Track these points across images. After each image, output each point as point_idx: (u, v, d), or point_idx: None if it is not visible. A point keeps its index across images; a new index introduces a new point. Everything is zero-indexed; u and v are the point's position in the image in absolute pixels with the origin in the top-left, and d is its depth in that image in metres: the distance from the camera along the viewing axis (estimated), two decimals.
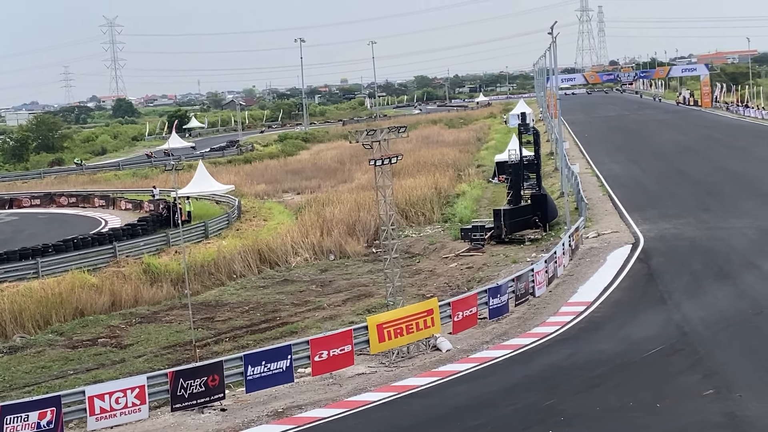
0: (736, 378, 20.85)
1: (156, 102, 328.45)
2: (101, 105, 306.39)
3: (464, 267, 39.59)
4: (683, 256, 34.33)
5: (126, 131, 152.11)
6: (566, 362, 23.66)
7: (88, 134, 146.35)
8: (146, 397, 21.79)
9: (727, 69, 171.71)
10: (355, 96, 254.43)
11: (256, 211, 58.46)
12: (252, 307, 36.27)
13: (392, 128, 27.63)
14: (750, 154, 65.45)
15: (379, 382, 24.03)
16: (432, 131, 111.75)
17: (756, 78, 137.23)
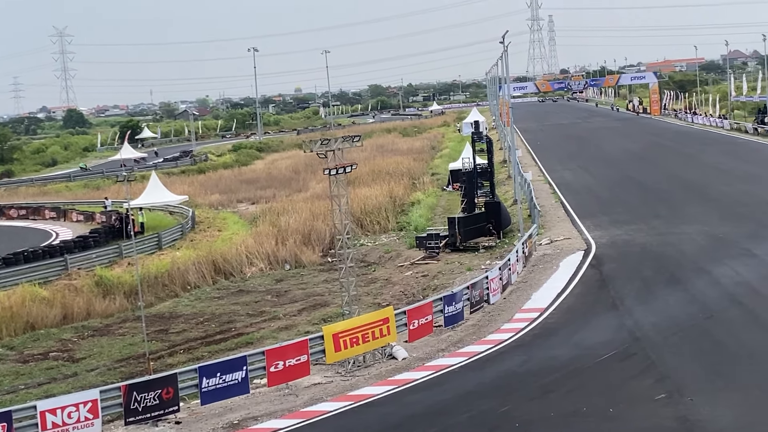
0: (688, 382, 21.11)
1: (108, 112, 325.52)
2: (51, 116, 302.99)
3: (419, 275, 39.71)
4: (634, 262, 34.71)
5: (77, 142, 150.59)
6: (521, 369, 23.81)
7: (39, 145, 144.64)
8: (99, 411, 21.51)
9: (675, 77, 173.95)
10: (310, 105, 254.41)
11: (211, 221, 58.19)
12: (207, 318, 36.09)
13: (347, 137, 27.67)
14: (698, 160, 66.36)
15: (335, 391, 24.02)
16: (386, 140, 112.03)
17: (703, 85, 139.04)
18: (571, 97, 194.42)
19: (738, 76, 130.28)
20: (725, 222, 40.40)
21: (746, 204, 44.87)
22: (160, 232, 50.76)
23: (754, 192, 48.50)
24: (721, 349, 23.47)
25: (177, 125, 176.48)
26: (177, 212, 61.16)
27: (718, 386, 20.63)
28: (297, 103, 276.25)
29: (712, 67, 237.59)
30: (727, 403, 19.50)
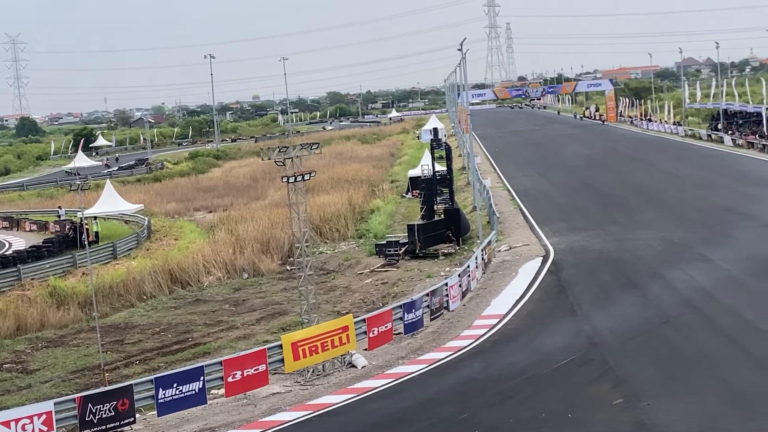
0: (645, 387, 21.21)
1: (61, 120, 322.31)
2: (4, 124, 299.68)
3: (379, 282, 39.65)
4: (592, 267, 34.90)
5: (30, 150, 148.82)
6: (480, 375, 23.82)
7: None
8: (54, 424, 21.22)
9: (631, 84, 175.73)
10: (268, 112, 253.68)
11: (167, 230, 57.77)
12: (163, 328, 35.77)
13: (305, 145, 27.55)
14: (654, 166, 66.95)
15: (295, 401, 23.88)
16: (345, 147, 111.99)
17: (658, 92, 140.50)
18: (528, 104, 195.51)
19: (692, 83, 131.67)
20: (680, 227, 40.76)
21: (701, 209, 45.34)
22: (115, 242, 50.32)
23: (708, 198, 49.01)
24: (677, 353, 23.62)
25: (132, 133, 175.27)
26: (132, 221, 60.68)
27: (675, 391, 20.75)
28: (255, 111, 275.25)
29: (667, 75, 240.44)
30: (683, 407, 19.62)
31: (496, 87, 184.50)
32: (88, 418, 21.57)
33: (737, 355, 22.92)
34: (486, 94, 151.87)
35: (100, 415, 21.70)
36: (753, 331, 24.67)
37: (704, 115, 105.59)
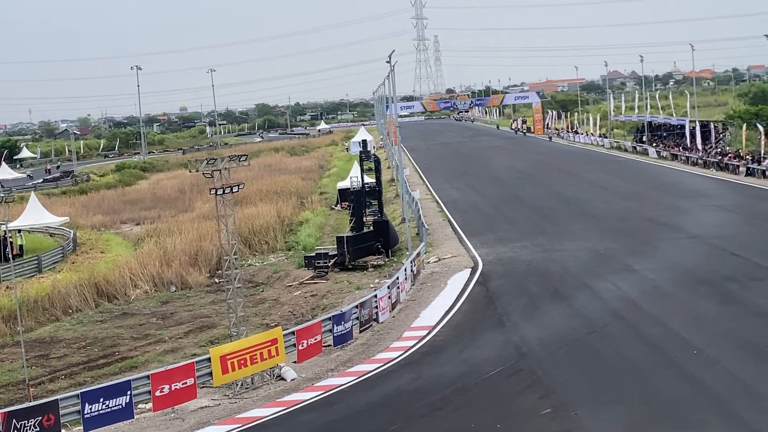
0: (572, 396, 21.43)
1: None
2: None
3: (308, 295, 39.52)
4: (520, 278, 35.21)
5: None
6: (410, 386, 23.85)
7: None
8: None
9: (558, 96, 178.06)
10: (195, 124, 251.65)
11: (93, 243, 56.96)
12: (89, 342, 35.18)
13: (233, 157, 27.39)
14: (580, 178, 67.93)
15: (223, 414, 23.66)
16: (274, 159, 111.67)
17: (584, 105, 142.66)
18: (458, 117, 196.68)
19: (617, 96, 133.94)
20: (606, 238, 41.36)
21: (626, 220, 46.07)
22: (40, 255, 49.43)
23: (633, 209, 49.83)
24: (604, 363, 23.92)
25: (57, 145, 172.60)
26: (58, 234, 59.70)
27: (602, 400, 21.00)
28: (182, 122, 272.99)
29: (593, 88, 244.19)
30: (610, 416, 19.86)
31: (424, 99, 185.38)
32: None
33: (663, 364, 23.27)
34: (414, 106, 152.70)
35: (24, 430, 21.25)
36: (678, 340, 25.09)
37: (629, 128, 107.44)
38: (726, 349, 23.82)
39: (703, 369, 22.40)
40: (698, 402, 20.25)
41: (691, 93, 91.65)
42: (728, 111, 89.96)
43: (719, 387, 21.02)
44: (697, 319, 26.98)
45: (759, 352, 23.20)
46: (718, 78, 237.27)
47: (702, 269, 33.54)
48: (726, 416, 19.19)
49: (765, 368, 21.92)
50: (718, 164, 65.98)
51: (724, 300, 29.02)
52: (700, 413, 19.52)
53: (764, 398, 19.97)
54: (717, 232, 40.70)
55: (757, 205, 48.29)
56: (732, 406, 19.67)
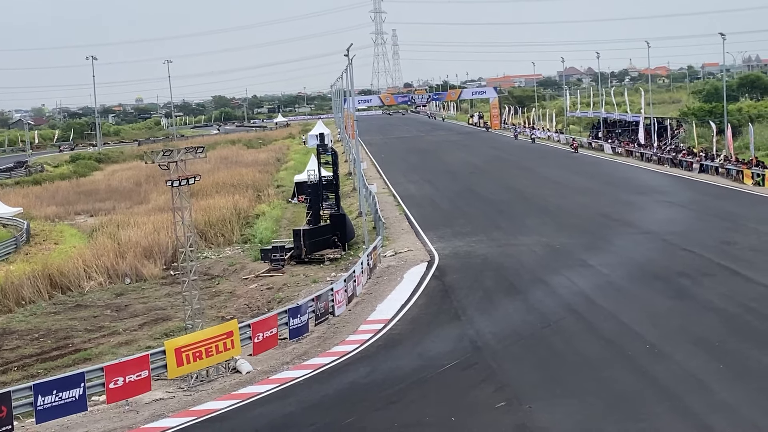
0: (527, 390, 21.60)
1: None
2: None
3: (264, 288, 39.45)
4: (476, 272, 35.38)
5: None
6: (365, 380, 23.90)
7: None
8: None
9: (515, 92, 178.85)
10: (151, 116, 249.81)
11: (47, 234, 56.45)
12: (42, 334, 34.87)
13: (190, 149, 27.26)
14: (536, 173, 68.34)
15: (178, 407, 23.56)
16: (231, 152, 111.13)
17: (541, 101, 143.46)
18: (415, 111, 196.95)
19: (573, 92, 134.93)
20: (561, 233, 41.69)
21: (581, 216, 46.45)
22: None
23: (588, 204, 50.26)
24: (558, 357, 24.13)
25: (11, 135, 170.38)
26: (10, 225, 59.09)
27: (556, 394, 21.19)
28: (138, 114, 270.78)
29: (550, 83, 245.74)
30: (564, 410, 20.04)
31: (382, 93, 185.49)
32: None
33: (616, 358, 23.53)
34: (372, 100, 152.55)
35: None
36: (631, 334, 25.37)
37: (585, 124, 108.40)
38: (678, 343, 24.12)
39: (655, 363, 22.67)
40: (650, 396, 20.49)
41: (646, 90, 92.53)
42: (682, 108, 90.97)
43: (671, 381, 21.29)
44: (650, 314, 27.29)
45: (710, 348, 23.53)
46: (673, 75, 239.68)
47: (655, 265, 33.92)
48: (677, 410, 19.44)
49: (716, 363, 22.23)
50: (672, 161, 66.71)
51: (677, 295, 29.38)
52: (651, 407, 19.77)
53: (715, 393, 20.27)
54: (670, 228, 41.18)
55: (710, 202, 48.91)
56: (683, 401, 19.93)
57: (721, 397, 19.96)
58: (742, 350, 23.11)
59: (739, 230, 39.77)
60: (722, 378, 21.20)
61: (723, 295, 28.79)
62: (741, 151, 63.48)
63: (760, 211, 44.73)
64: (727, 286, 29.89)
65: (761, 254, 34.39)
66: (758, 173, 53.51)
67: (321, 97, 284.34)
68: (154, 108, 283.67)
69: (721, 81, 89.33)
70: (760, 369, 21.63)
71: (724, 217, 43.69)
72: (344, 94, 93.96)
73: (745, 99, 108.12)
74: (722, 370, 21.71)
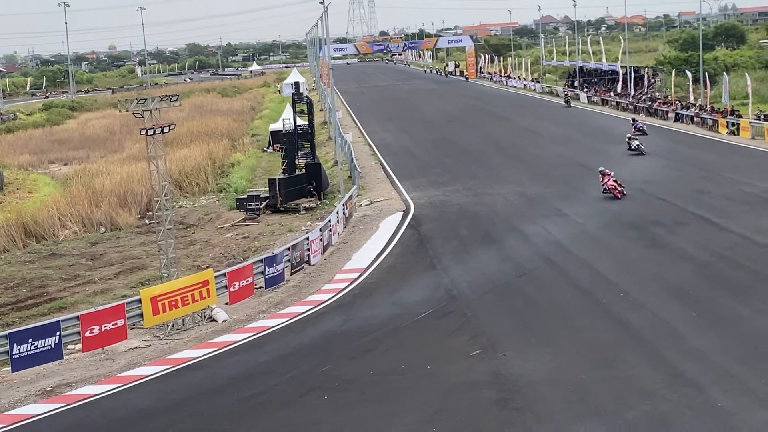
0: (501, 338, 21.77)
1: None
2: None
3: (240, 237, 39.40)
4: (451, 222, 35.46)
5: None
6: (341, 328, 24.01)
7: None
8: None
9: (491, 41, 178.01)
10: (125, 63, 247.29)
11: (20, 183, 56.03)
12: (17, 283, 34.73)
13: (164, 97, 27.02)
14: (513, 123, 68.35)
15: (154, 355, 23.62)
16: (205, 100, 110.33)
17: (518, 49, 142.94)
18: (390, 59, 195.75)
19: (549, 40, 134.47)
20: (537, 183, 41.79)
21: (557, 165, 46.56)
22: None
23: (564, 154, 50.34)
24: (533, 305, 24.30)
25: None
26: None
27: (531, 342, 21.36)
28: (111, 61, 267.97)
29: (526, 32, 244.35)
30: (539, 357, 20.22)
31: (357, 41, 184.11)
32: None
33: (590, 306, 23.73)
34: (348, 48, 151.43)
35: None
36: (605, 283, 25.57)
37: (561, 73, 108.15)
38: (652, 292, 24.33)
39: (629, 312, 22.87)
40: (623, 344, 20.70)
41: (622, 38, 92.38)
42: (659, 57, 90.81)
43: (645, 329, 21.50)
44: (624, 263, 27.49)
45: (684, 296, 23.74)
46: (650, 24, 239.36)
47: (629, 214, 34.08)
48: (650, 358, 19.65)
49: (689, 311, 22.45)
50: (648, 110, 66.81)
51: (651, 244, 29.58)
52: (625, 354, 19.97)
53: (688, 340, 20.49)
54: (645, 177, 41.32)
55: (685, 151, 49.11)
56: (657, 348, 20.14)
57: (693, 344, 20.18)
58: (715, 298, 23.35)
59: (713, 179, 39.97)
60: (695, 326, 21.43)
61: (697, 243, 29.01)
62: (716, 100, 63.61)
63: (735, 161, 44.95)
64: (700, 235, 30.11)
65: (735, 203, 34.61)
66: (733, 122, 53.71)
67: (296, 46, 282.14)
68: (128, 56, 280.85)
69: (698, 30, 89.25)
70: (732, 317, 21.86)
71: (698, 166, 43.90)
72: (319, 42, 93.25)
73: (721, 48, 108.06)
74: (695, 318, 21.94)
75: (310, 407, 18.89)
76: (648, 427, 16.41)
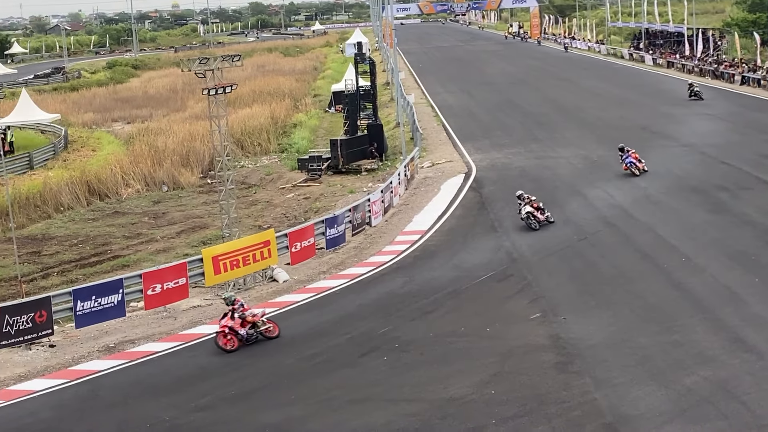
0: (561, 302, 21.66)
1: None
2: None
3: (301, 197, 39.57)
4: (513, 184, 35.13)
5: None
6: (401, 290, 24.04)
7: None
8: None
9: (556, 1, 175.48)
10: (188, 22, 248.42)
11: (84, 141, 56.71)
12: (81, 240, 35.28)
13: (226, 56, 27.11)
14: (576, 85, 67.49)
15: (215, 314, 23.81)
16: (268, 60, 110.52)
17: (582, 10, 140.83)
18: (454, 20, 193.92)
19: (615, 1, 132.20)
20: (600, 146, 41.26)
21: (620, 128, 45.87)
22: (32, 152, 49.21)
23: (628, 116, 49.64)
24: (593, 270, 24.13)
25: (48, 41, 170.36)
26: (49, 131, 59.35)
27: (591, 306, 21.23)
28: (174, 20, 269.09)
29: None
30: (598, 321, 20.10)
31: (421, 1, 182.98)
32: (5, 330, 21.35)
33: (651, 270, 23.48)
34: (411, 8, 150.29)
35: (17, 326, 21.50)
36: (666, 247, 25.26)
37: (626, 34, 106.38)
38: (714, 257, 24.01)
39: (690, 276, 22.61)
40: (683, 308, 20.48)
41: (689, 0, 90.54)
42: (726, 18, 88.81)
43: (705, 294, 21.25)
44: (686, 228, 27.13)
45: (746, 261, 23.39)
46: None
47: (693, 178, 33.59)
48: (710, 323, 19.44)
49: (751, 276, 22.13)
50: (714, 72, 65.55)
51: (714, 209, 29.14)
52: (685, 319, 19.76)
53: (750, 306, 20.21)
54: (709, 140, 40.66)
55: (750, 114, 48.13)
56: (717, 314, 19.91)
57: (755, 311, 19.91)
58: None
59: None
60: (757, 291, 21.12)
61: (760, 208, 28.51)
62: None
63: None
64: (764, 200, 29.60)
65: None
66: None
67: (359, 5, 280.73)
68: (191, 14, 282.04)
69: None
70: None
71: (763, 129, 43.01)
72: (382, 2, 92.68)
73: None
74: (757, 284, 21.62)
75: (370, 368, 19.00)
76: (708, 392, 16.24)
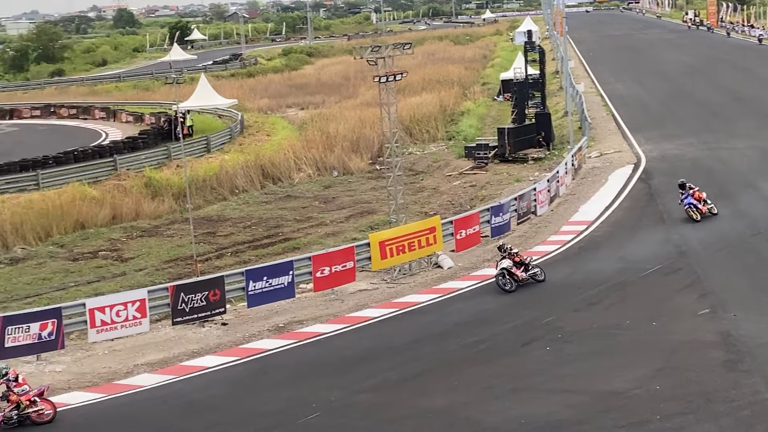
0: (732, 298, 21.07)
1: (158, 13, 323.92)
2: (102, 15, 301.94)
3: (467, 185, 39.68)
4: (684, 176, 34.12)
5: (127, 42, 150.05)
6: (566, 280, 23.88)
7: (89, 45, 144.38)
8: (147, 311, 22.03)
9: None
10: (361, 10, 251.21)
11: (259, 125, 58.29)
12: (254, 222, 36.43)
13: (397, 44, 27.46)
14: (754, 74, 64.96)
15: (381, 298, 24.27)
16: (438, 48, 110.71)
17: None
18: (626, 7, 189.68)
19: None
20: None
21: None
22: (209, 136, 50.92)
23: None
24: (766, 265, 23.32)
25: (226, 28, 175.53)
26: (226, 116, 61.25)
27: (763, 303, 20.58)
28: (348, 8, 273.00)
29: None
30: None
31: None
32: (180, 307, 22.32)
33: None
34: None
35: (192, 304, 22.44)
36: None
37: None
38: None
39: None
40: None
41: None
42: None
43: None
44: None
45: None
46: None
47: None
48: None
49: None
50: None
51: None
52: None
53: None
54: None
55: None
56: None
57: None
58: None
59: None
60: None
61: None
62: None
63: None
64: None
65: None
66: None
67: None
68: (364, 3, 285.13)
69: None
70: None
71: None
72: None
73: None
74: None
75: (532, 357, 18.99)
76: None
